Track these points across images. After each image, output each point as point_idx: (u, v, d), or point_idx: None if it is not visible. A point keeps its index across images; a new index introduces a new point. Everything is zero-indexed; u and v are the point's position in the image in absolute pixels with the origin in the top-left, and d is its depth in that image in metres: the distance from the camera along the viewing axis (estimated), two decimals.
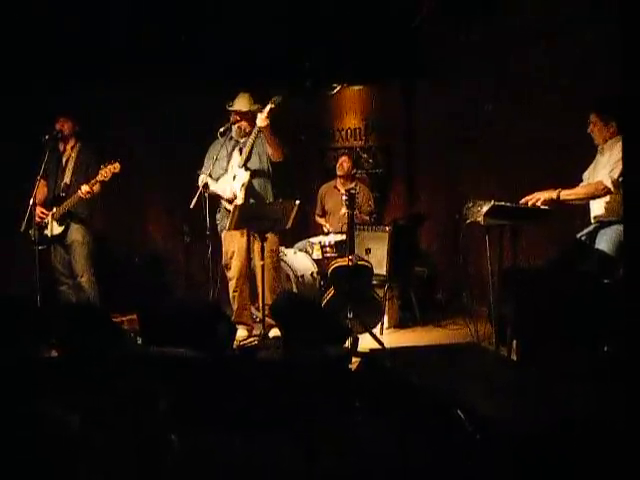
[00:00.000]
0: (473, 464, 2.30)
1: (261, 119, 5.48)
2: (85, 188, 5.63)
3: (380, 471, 2.51)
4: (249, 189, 5.67)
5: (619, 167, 4.31)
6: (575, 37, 5.49)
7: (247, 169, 5.66)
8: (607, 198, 4.47)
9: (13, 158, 6.18)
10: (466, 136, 6.71)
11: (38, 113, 6.06)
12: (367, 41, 6.94)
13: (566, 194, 4.53)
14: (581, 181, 4.71)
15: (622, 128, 4.37)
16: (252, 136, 5.65)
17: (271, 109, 5.47)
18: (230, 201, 5.67)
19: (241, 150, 5.74)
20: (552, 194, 4.53)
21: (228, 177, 5.74)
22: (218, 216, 5.83)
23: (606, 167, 4.47)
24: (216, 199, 5.79)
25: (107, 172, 5.60)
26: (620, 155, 4.34)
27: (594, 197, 4.49)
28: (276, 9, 6.55)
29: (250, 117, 5.72)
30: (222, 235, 5.80)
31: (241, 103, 5.73)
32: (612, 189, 4.33)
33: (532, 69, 6.06)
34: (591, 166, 4.70)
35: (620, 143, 4.41)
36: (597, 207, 4.57)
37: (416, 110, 7.66)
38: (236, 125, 5.74)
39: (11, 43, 6.17)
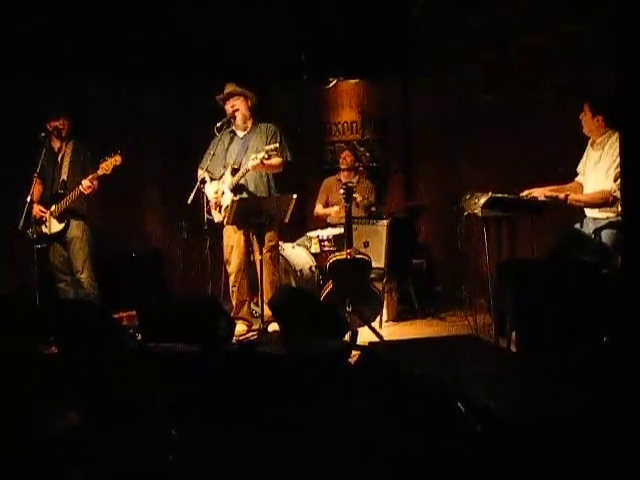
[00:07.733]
0: (473, 455, 2.31)
1: (253, 164, 5.42)
2: (86, 183, 5.59)
3: (380, 464, 2.52)
4: (245, 186, 5.67)
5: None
6: (567, 32, 5.50)
7: (232, 191, 5.63)
8: None
9: (8, 156, 6.14)
10: (462, 129, 6.71)
11: (33, 110, 6.03)
12: (363, 34, 6.92)
13: (574, 199, 4.55)
14: (575, 173, 4.73)
15: (611, 124, 4.46)
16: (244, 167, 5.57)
17: (264, 157, 5.39)
18: (216, 207, 5.68)
19: (244, 146, 5.71)
20: (560, 196, 4.55)
21: (220, 186, 5.70)
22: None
23: (603, 169, 4.49)
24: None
25: (108, 165, 5.55)
26: (616, 157, 4.36)
27: (601, 205, 4.48)
28: (272, 3, 6.53)
29: (243, 101, 5.71)
30: (223, 230, 5.79)
31: (228, 89, 5.74)
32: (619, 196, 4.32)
33: (523, 63, 6.06)
34: (583, 158, 4.72)
35: (614, 142, 4.43)
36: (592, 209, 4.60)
37: (412, 103, 7.66)
38: (233, 113, 5.69)
39: (9, 40, 6.13)
